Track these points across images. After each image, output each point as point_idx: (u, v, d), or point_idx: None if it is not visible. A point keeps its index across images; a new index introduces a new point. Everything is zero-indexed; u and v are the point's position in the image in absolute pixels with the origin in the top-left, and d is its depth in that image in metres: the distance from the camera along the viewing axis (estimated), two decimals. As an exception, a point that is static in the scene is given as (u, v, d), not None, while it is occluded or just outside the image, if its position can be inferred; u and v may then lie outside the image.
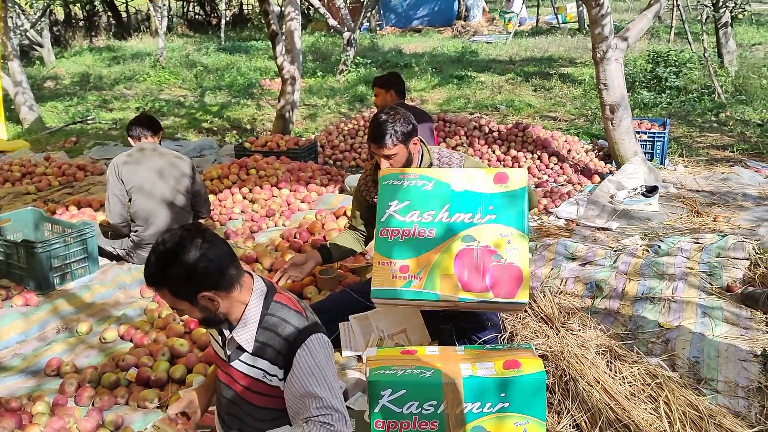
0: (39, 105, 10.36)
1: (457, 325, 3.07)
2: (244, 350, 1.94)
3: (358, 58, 13.82)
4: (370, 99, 11.62)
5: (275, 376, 1.91)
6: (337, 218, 4.58)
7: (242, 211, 5.14)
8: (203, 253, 1.83)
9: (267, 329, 1.90)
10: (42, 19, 15.26)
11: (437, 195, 2.69)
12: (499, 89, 11.48)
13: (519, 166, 6.35)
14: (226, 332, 1.98)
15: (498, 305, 2.62)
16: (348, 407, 2.71)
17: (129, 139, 4.48)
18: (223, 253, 1.88)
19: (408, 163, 3.01)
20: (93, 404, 2.77)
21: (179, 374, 2.97)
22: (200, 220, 4.75)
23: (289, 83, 7.60)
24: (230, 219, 5.03)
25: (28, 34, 14.42)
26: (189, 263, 1.81)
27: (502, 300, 2.53)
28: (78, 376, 3.00)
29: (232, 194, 5.33)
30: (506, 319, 3.16)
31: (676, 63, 9.86)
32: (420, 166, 3.11)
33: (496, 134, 7.01)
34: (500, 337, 3.01)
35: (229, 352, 1.99)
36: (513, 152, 6.64)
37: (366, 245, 3.48)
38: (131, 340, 3.40)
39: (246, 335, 1.92)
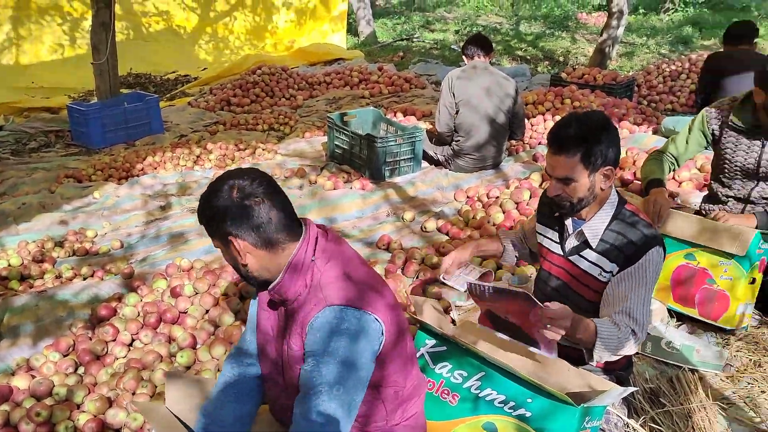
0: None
1: None
2: (587, 246, 2.10)
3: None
4: (696, 42, 10.72)
5: (610, 272, 2.05)
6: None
7: (551, 139, 5.29)
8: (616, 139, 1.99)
9: (615, 231, 2.04)
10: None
11: None
12: None
13: None
14: (569, 225, 2.14)
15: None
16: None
17: (463, 56, 4.88)
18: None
19: None
20: (417, 277, 3.27)
21: (489, 267, 3.32)
22: (512, 141, 5.04)
23: (615, 17, 7.39)
24: (539, 144, 5.23)
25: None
26: (614, 136, 1.97)
27: (704, 320, 2.82)
28: (404, 252, 3.53)
29: (545, 121, 5.50)
30: None
31: None
32: None
33: None
34: None
35: (568, 247, 2.16)
36: None
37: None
38: (447, 233, 3.86)
39: (594, 232, 2.07)
